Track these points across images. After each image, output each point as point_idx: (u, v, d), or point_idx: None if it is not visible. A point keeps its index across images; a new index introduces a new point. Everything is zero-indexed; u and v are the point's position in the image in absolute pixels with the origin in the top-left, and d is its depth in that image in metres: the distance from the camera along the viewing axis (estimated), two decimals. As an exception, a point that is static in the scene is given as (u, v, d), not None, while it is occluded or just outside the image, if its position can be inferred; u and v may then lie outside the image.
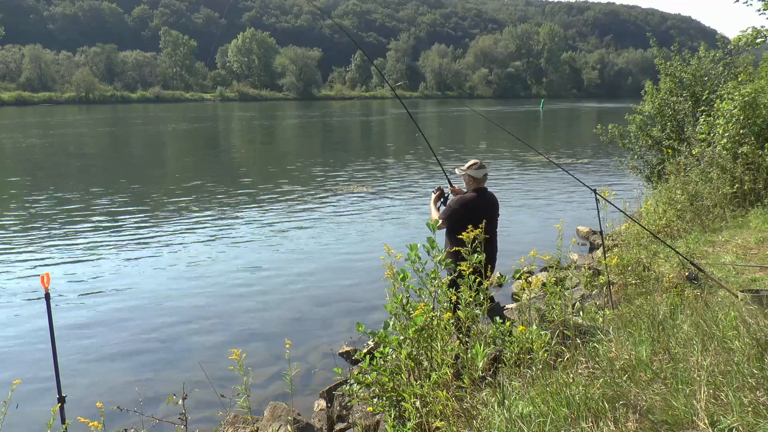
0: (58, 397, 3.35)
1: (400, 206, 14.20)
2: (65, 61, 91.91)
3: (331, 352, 6.18)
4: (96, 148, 29.92)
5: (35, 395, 5.31)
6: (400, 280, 3.67)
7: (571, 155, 24.86)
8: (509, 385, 3.21)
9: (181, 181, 18.85)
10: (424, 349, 3.52)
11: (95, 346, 6.58)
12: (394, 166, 21.61)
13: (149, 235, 11.33)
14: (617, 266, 6.08)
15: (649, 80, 12.48)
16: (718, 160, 9.01)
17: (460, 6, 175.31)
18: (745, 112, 8.84)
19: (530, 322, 4.40)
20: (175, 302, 7.88)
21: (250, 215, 13.22)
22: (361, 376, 3.58)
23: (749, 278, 5.47)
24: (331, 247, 10.54)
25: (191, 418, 4.06)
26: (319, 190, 16.35)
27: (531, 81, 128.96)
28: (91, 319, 7.30)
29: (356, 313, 7.37)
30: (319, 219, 12.79)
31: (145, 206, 14.27)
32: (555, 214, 12.92)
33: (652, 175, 11.55)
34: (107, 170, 21.51)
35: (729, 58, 11.58)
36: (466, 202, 5.08)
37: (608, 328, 3.92)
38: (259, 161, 25.34)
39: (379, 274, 3.89)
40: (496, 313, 4.59)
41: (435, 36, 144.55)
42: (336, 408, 4.94)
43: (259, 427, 4.59)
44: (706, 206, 8.44)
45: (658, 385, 2.71)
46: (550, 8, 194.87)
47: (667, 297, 4.73)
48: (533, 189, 16.73)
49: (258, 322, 7.23)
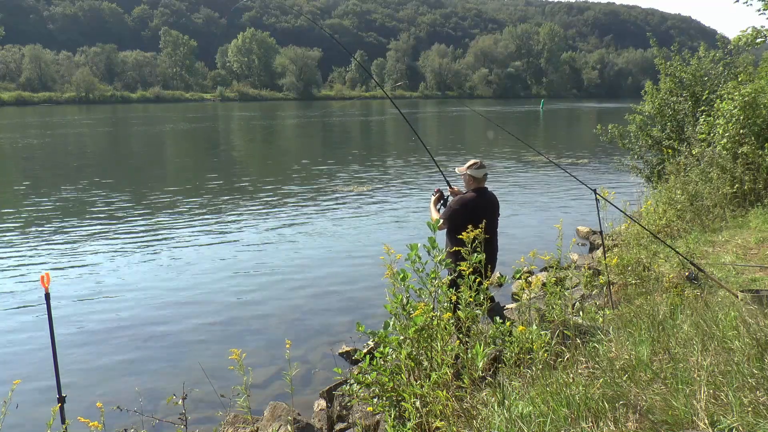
0: (58, 397, 3.35)
1: (400, 206, 14.20)
2: (65, 61, 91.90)
3: (331, 352, 6.18)
4: (96, 148, 29.92)
5: (35, 395, 5.31)
6: (400, 280, 3.67)
7: (571, 155, 24.85)
8: (509, 385, 3.21)
9: (180, 181, 18.86)
10: (424, 349, 3.52)
11: (95, 346, 6.58)
12: (394, 166, 21.61)
13: (149, 235, 11.33)
14: (617, 266, 6.08)
15: (649, 80, 12.47)
16: (718, 160, 9.01)
17: (460, 6, 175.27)
18: (745, 112, 8.84)
19: (530, 322, 4.39)
20: (175, 302, 7.88)
21: (249, 215, 13.22)
22: (361, 376, 3.58)
23: (749, 278, 5.47)
24: (331, 247, 10.54)
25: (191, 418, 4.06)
26: (319, 190, 16.35)
27: (531, 81, 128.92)
28: (91, 319, 7.30)
29: (356, 313, 7.37)
30: (319, 219, 12.79)
31: (144, 206, 14.27)
32: (555, 214, 12.92)
33: (652, 175, 11.55)
34: (107, 170, 21.50)
35: (729, 58, 11.58)
36: (466, 202, 5.08)
37: (608, 328, 3.92)
38: (259, 161, 25.34)
39: (379, 274, 3.88)
40: (496, 313, 4.59)
41: (435, 36, 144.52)
42: (336, 408, 4.94)
43: (259, 427, 4.59)
44: (706, 206, 8.44)
45: (658, 385, 2.71)
46: (550, 8, 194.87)
47: (667, 297, 4.73)
48: (533, 189, 16.73)
49: (258, 322, 7.23)
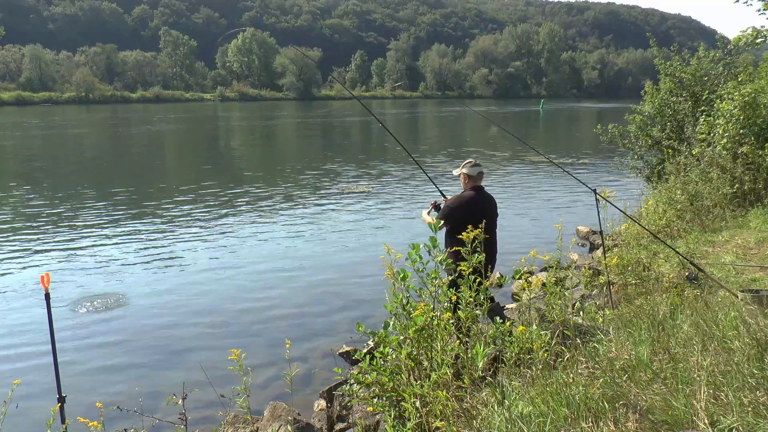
0: (58, 397, 3.35)
1: (400, 206, 14.20)
2: (65, 61, 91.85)
3: (331, 352, 6.18)
4: (96, 148, 29.92)
5: (35, 395, 5.30)
6: (400, 280, 3.67)
7: (571, 155, 24.85)
8: (509, 385, 3.21)
9: (179, 181, 18.86)
10: (424, 349, 3.52)
11: (95, 346, 6.58)
12: (394, 167, 21.60)
13: (149, 236, 11.32)
14: (617, 266, 6.08)
15: (649, 80, 12.48)
16: (718, 160, 9.02)
17: (460, 6, 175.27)
18: (745, 112, 8.85)
19: (530, 322, 4.39)
20: (174, 302, 7.88)
21: (249, 215, 13.22)
22: (361, 376, 3.58)
23: (749, 278, 5.47)
24: (331, 247, 10.54)
25: (191, 418, 4.06)
26: (319, 190, 16.35)
27: (531, 81, 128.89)
28: (91, 319, 7.30)
29: (356, 313, 7.37)
30: (319, 219, 12.79)
31: (144, 207, 14.27)
32: (555, 214, 12.92)
33: (652, 175, 11.55)
34: (107, 170, 21.51)
35: (729, 58, 11.59)
36: (463, 200, 5.09)
37: (608, 328, 3.92)
38: (259, 161, 25.34)
39: (380, 274, 3.89)
40: (496, 313, 4.59)
41: (435, 36, 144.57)
42: (336, 408, 4.94)
43: (259, 427, 4.59)
44: (706, 206, 8.44)
45: (658, 385, 2.71)
46: (550, 8, 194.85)
47: (667, 297, 4.73)
48: (533, 189, 16.72)
49: (258, 322, 7.23)
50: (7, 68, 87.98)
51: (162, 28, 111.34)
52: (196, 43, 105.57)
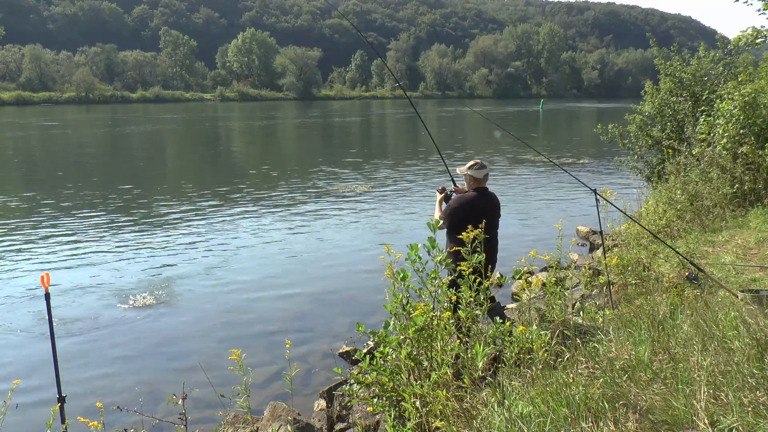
0: (58, 397, 3.35)
1: (400, 206, 14.20)
2: (65, 61, 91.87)
3: (331, 352, 6.18)
4: (95, 148, 29.91)
5: (35, 395, 5.30)
6: (400, 280, 3.67)
7: (571, 155, 24.86)
8: (509, 385, 3.21)
9: (179, 181, 18.86)
10: (424, 349, 3.52)
11: (95, 346, 6.58)
12: (394, 166, 21.61)
13: (149, 236, 11.33)
14: (617, 266, 6.08)
15: (649, 80, 12.48)
16: (718, 160, 9.01)
17: (460, 6, 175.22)
18: (745, 112, 8.84)
19: (530, 322, 4.39)
20: (174, 302, 7.88)
21: (249, 215, 13.22)
22: (361, 376, 3.58)
23: (749, 278, 5.47)
24: (331, 247, 10.54)
25: (191, 418, 4.05)
26: (320, 190, 16.35)
27: (531, 81, 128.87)
28: (91, 319, 7.30)
29: (356, 313, 7.36)
30: (319, 219, 12.78)
31: (143, 206, 14.27)
32: (555, 214, 12.92)
33: (652, 175, 11.55)
34: (107, 170, 21.51)
35: (729, 58, 11.58)
36: (465, 201, 5.09)
37: (608, 328, 3.92)
38: (259, 161, 25.33)
39: (380, 273, 3.89)
40: (497, 313, 4.59)
41: (435, 36, 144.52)
42: (336, 408, 4.94)
43: (259, 427, 4.59)
44: (706, 206, 8.44)
45: (658, 385, 2.71)
46: (550, 8, 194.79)
47: (667, 297, 4.73)
48: (533, 189, 16.72)
49: (258, 322, 7.24)
50: (7, 68, 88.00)
51: (162, 28, 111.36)
52: (196, 43, 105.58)
